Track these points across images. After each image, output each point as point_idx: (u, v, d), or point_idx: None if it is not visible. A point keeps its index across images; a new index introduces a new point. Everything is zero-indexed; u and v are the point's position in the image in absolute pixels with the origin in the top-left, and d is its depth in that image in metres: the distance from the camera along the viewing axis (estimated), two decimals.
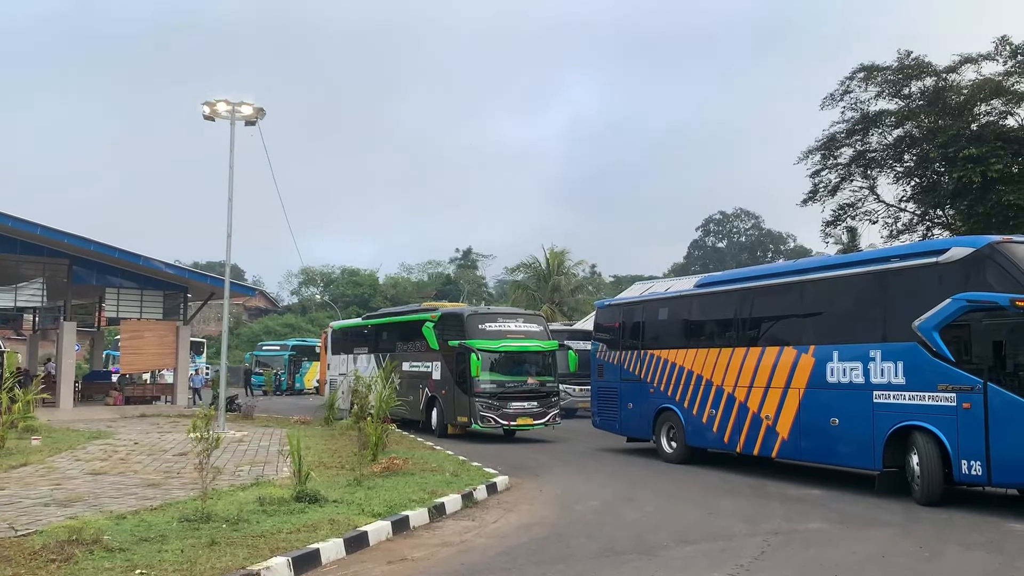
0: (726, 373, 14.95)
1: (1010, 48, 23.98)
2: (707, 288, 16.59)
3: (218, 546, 7.58)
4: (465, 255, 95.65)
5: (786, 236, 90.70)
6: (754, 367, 14.31)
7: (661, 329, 17.26)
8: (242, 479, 12.01)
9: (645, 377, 17.21)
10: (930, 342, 11.23)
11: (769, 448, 13.99)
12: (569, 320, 42.48)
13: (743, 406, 14.48)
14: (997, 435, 10.40)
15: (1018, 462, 10.29)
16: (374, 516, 9.28)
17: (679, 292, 17.61)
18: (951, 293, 11.02)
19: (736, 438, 14.67)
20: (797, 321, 13.89)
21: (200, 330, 60.00)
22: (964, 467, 10.74)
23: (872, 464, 12.11)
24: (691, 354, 15.92)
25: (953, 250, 11.35)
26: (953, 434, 10.89)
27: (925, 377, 11.31)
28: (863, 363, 12.25)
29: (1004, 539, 9.16)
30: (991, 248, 10.92)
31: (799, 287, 13.92)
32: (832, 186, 28.44)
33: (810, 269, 14.20)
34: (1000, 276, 10.67)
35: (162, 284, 27.11)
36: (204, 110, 20.16)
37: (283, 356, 48.29)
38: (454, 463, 14.31)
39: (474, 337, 19.42)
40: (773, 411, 13.82)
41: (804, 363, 13.31)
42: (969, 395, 10.70)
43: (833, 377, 12.76)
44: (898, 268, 12.15)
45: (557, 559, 8.06)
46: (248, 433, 19.27)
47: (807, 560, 8.14)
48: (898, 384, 11.70)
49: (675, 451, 16.27)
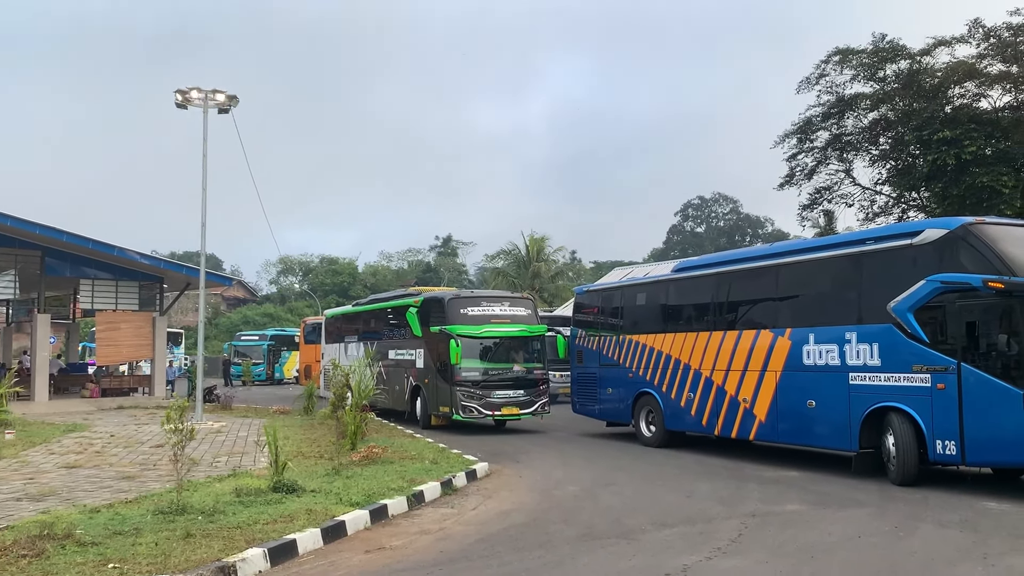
0: (704, 357, 15.02)
1: (983, 31, 24.12)
2: (684, 273, 16.63)
3: (193, 538, 7.52)
4: (445, 242, 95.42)
5: (764, 220, 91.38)
6: (731, 350, 14.39)
7: (639, 314, 17.32)
8: (219, 470, 11.92)
9: (624, 362, 17.28)
10: (905, 324, 11.32)
11: (747, 431, 14.09)
12: (549, 307, 42.52)
13: (721, 389, 14.57)
14: (971, 415, 10.52)
15: (991, 441, 10.42)
16: (352, 505, 9.23)
17: (657, 277, 17.65)
18: (925, 275, 11.11)
19: (714, 421, 14.76)
20: (773, 304, 13.97)
21: (178, 321, 59.60)
22: (939, 447, 10.86)
23: (848, 445, 12.21)
24: (669, 338, 15.99)
25: (927, 232, 11.42)
26: (928, 414, 11.00)
27: (900, 358, 11.41)
28: (839, 345, 12.34)
29: (978, 517, 9.26)
30: (964, 229, 11.00)
31: (775, 270, 13.99)
32: (808, 170, 28.58)
33: (786, 252, 14.26)
34: (973, 257, 10.78)
35: (137, 275, 26.76)
36: (176, 98, 19.89)
37: (262, 346, 48.03)
38: (434, 451, 14.28)
39: (455, 322, 18.93)
40: (750, 394, 13.91)
41: (781, 346, 13.39)
42: (943, 376, 10.81)
43: (809, 359, 12.84)
44: (873, 250, 12.22)
45: (535, 545, 8.06)
46: (226, 424, 19.13)
47: (784, 542, 8.19)
48: (873, 366, 11.79)
49: (654, 435, 16.37)
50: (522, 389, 19.12)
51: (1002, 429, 10.23)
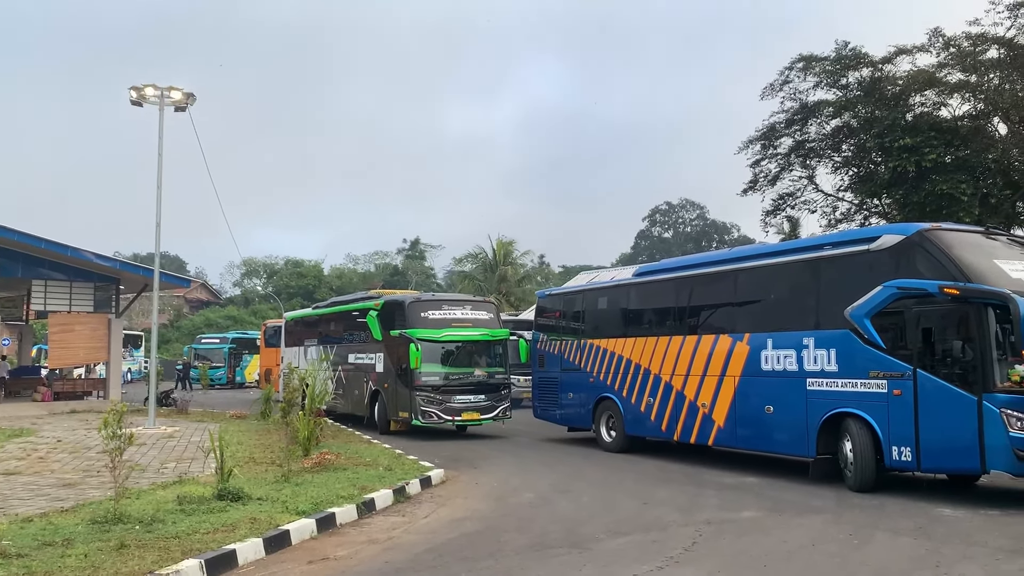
0: (664, 362, 14.95)
1: (943, 40, 24.34)
2: (645, 277, 16.58)
3: (127, 549, 7.22)
4: (413, 245, 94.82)
5: (730, 226, 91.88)
6: (691, 356, 14.32)
7: (600, 318, 17.20)
8: (165, 477, 11.57)
9: (585, 367, 17.14)
10: (862, 329, 11.28)
11: (706, 436, 14.00)
12: (516, 310, 42.35)
13: (680, 394, 14.49)
14: (926, 421, 10.49)
15: (946, 447, 10.40)
16: (298, 514, 8.96)
17: (618, 281, 17.59)
18: (882, 280, 11.07)
19: (673, 426, 14.67)
20: (732, 309, 13.93)
21: (139, 323, 58.52)
22: (895, 453, 10.84)
23: (806, 451, 12.15)
24: (630, 343, 15.90)
25: (884, 237, 11.40)
26: (884, 420, 10.96)
27: (857, 364, 11.36)
28: (797, 351, 12.29)
29: (932, 524, 9.21)
30: (921, 236, 11.00)
31: (734, 275, 13.95)
32: (772, 176, 28.63)
33: (745, 257, 14.24)
34: (929, 263, 10.76)
35: (93, 276, 26.13)
36: (131, 95, 19.45)
37: (223, 349, 47.31)
38: (389, 457, 14.02)
39: (416, 326, 18.62)
40: (709, 399, 13.84)
41: (739, 351, 13.33)
42: (899, 382, 10.79)
43: (767, 365, 12.80)
44: (830, 256, 12.21)
45: (485, 555, 7.85)
46: (180, 428, 18.69)
47: (738, 551, 8.06)
48: (831, 371, 11.74)
49: (614, 440, 16.25)
50: (483, 394, 18.87)
51: (957, 435, 10.20)
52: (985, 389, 10.00)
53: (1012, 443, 9.75)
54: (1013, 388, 9.91)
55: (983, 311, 10.15)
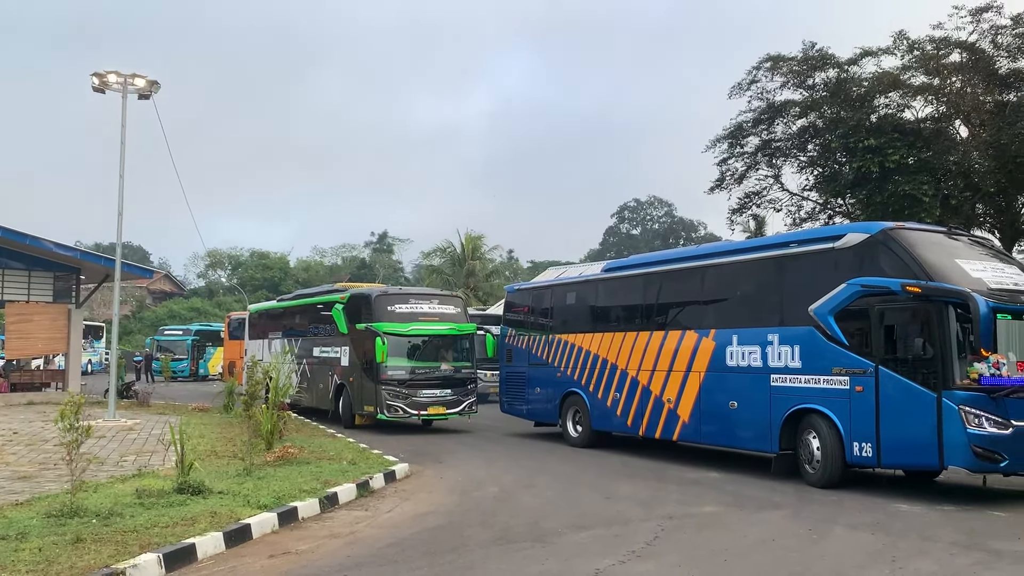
0: (630, 357, 15.01)
1: (907, 43, 24.73)
2: (613, 273, 16.63)
3: (83, 543, 7.09)
4: (381, 239, 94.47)
5: (697, 224, 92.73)
6: (657, 351, 14.40)
7: (569, 313, 17.22)
8: (124, 470, 11.39)
9: (553, 361, 17.17)
10: (825, 326, 11.39)
11: (670, 431, 14.08)
12: (484, 305, 42.31)
13: (646, 390, 14.56)
14: (887, 418, 10.62)
15: (905, 444, 10.54)
16: (260, 508, 8.87)
17: (586, 276, 17.60)
18: (846, 278, 11.20)
19: (639, 422, 14.73)
20: (699, 306, 14.01)
21: (101, 314, 57.62)
22: (856, 449, 10.96)
23: (769, 447, 12.25)
24: (597, 338, 15.95)
25: (848, 236, 11.51)
26: (846, 417, 11.08)
27: (820, 361, 11.48)
28: (761, 347, 12.39)
29: (889, 520, 9.36)
30: (884, 234, 11.12)
31: (701, 272, 14.04)
32: (739, 174, 28.92)
33: (712, 254, 14.32)
34: (893, 261, 10.89)
35: (53, 265, 25.66)
36: (93, 82, 19.08)
37: (186, 341, 46.73)
38: (353, 451, 13.94)
39: (382, 319, 18.53)
40: (675, 394, 13.92)
41: (705, 347, 13.42)
42: (861, 378, 10.92)
43: (732, 361, 12.89)
44: (796, 253, 12.32)
45: (448, 549, 7.83)
46: (140, 421, 18.43)
47: (698, 545, 8.13)
48: (795, 368, 11.85)
49: (580, 435, 16.30)
50: (450, 388, 18.82)
51: (916, 432, 10.35)
52: (945, 386, 10.13)
53: (970, 439, 9.91)
54: (972, 385, 10.03)
55: (944, 309, 10.27)
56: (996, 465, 10.10)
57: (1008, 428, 10.00)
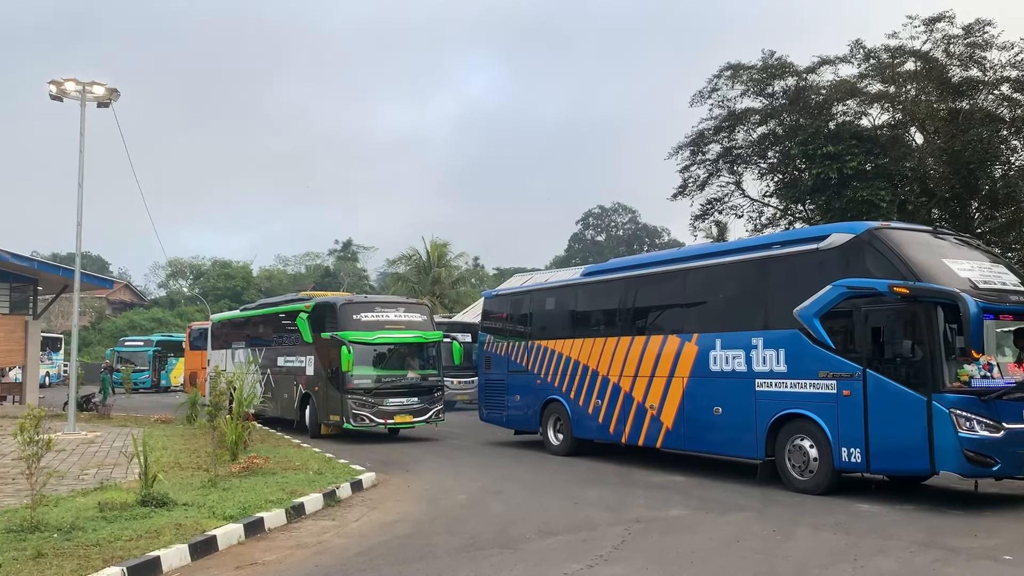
0: (612, 363, 14.77)
1: (864, 52, 25.22)
2: (593, 277, 16.34)
3: (44, 558, 6.99)
4: (345, 247, 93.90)
5: (661, 230, 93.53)
6: (639, 356, 14.15)
7: (548, 319, 16.91)
8: (86, 483, 11.21)
9: (532, 368, 16.91)
10: (811, 329, 11.18)
11: (654, 438, 13.83)
12: (450, 312, 42.27)
13: (628, 396, 14.30)
14: (876, 422, 10.42)
15: (895, 448, 10.34)
16: (225, 519, 8.80)
17: (565, 281, 17.26)
18: (831, 279, 10.98)
19: (621, 429, 14.48)
20: (681, 309, 13.76)
21: (59, 325, 56.60)
22: (844, 454, 10.74)
23: (755, 453, 12.02)
24: (578, 344, 15.70)
25: (833, 236, 11.26)
26: (833, 421, 10.86)
27: (806, 365, 11.26)
28: (745, 351, 12.16)
29: (852, 520, 9.52)
30: (870, 234, 10.89)
31: (682, 275, 13.78)
32: (701, 181, 29.19)
33: (693, 257, 14.04)
34: (879, 262, 10.66)
35: (8, 276, 25.14)
36: (51, 89, 18.78)
37: (147, 352, 46.04)
38: (319, 461, 13.85)
39: (347, 328, 18.40)
40: (657, 401, 13.68)
41: (687, 352, 13.19)
42: (849, 382, 10.72)
43: (716, 366, 12.65)
44: (780, 255, 12.05)
45: (416, 557, 7.83)
46: (101, 434, 18.13)
47: (665, 548, 8.22)
48: (780, 372, 11.64)
49: (562, 443, 16.07)
50: (416, 397, 18.73)
51: (906, 436, 10.15)
52: (935, 389, 9.93)
53: (961, 443, 9.71)
54: (962, 388, 9.85)
55: (933, 310, 10.08)
56: (988, 469, 9.90)
57: (1000, 431, 9.79)
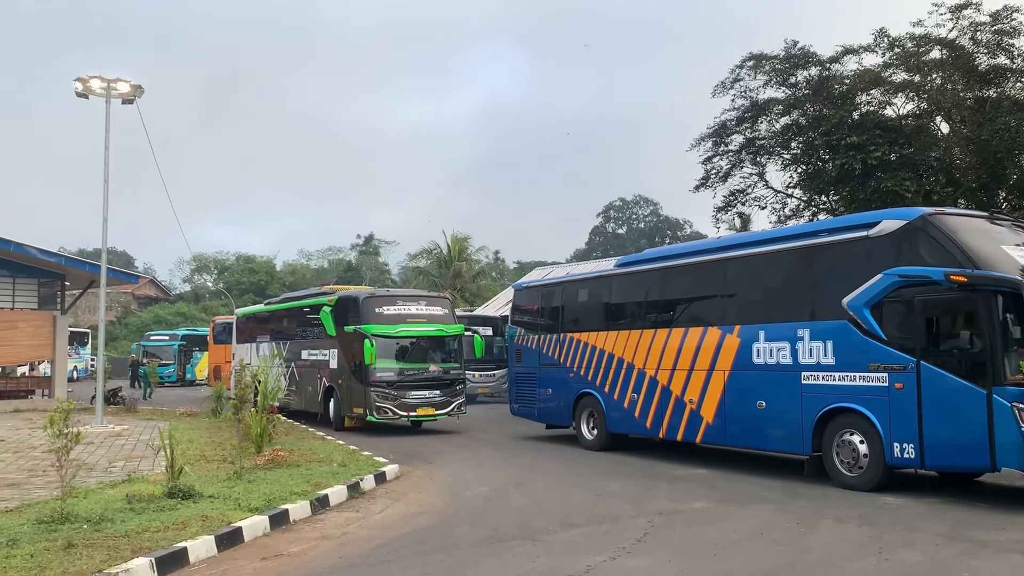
0: (648, 356, 14.40)
1: (888, 41, 24.92)
2: (627, 268, 15.93)
3: (75, 548, 7.10)
4: (367, 241, 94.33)
5: (683, 222, 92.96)
6: (677, 349, 13.78)
7: (581, 311, 16.60)
8: (114, 476, 11.38)
9: (565, 361, 16.61)
10: (860, 320, 10.81)
11: (693, 433, 13.47)
12: (471, 306, 42.35)
13: (666, 390, 13.95)
14: (931, 416, 10.04)
15: (952, 444, 9.92)
16: (251, 511, 8.89)
17: (599, 272, 16.89)
18: (882, 268, 10.60)
19: (659, 423, 14.15)
20: (721, 300, 13.35)
21: (86, 320, 57.27)
22: (896, 450, 10.39)
23: (801, 448, 11.65)
24: (612, 337, 15.35)
25: (884, 223, 10.83)
26: (885, 416, 10.50)
27: (856, 357, 10.90)
28: (791, 343, 11.78)
29: (876, 512, 9.46)
30: (924, 220, 10.46)
31: (723, 265, 13.36)
32: (723, 173, 29.02)
33: (734, 246, 13.63)
34: (933, 249, 10.23)
35: (37, 272, 25.53)
36: (77, 87, 19.02)
37: (172, 346, 46.53)
38: (343, 453, 13.95)
39: (370, 322, 18.54)
40: (697, 395, 13.33)
41: (729, 344, 12.80)
42: (901, 375, 10.35)
43: (759, 358, 12.27)
44: (826, 243, 11.64)
45: (439, 548, 7.88)
46: (128, 427, 18.38)
47: (688, 540, 8.21)
48: (827, 364, 11.26)
49: (596, 438, 15.74)
50: (438, 390, 18.83)
51: (964, 431, 9.73)
52: (995, 382, 9.50)
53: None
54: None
55: (992, 299, 9.61)
56: None
57: None
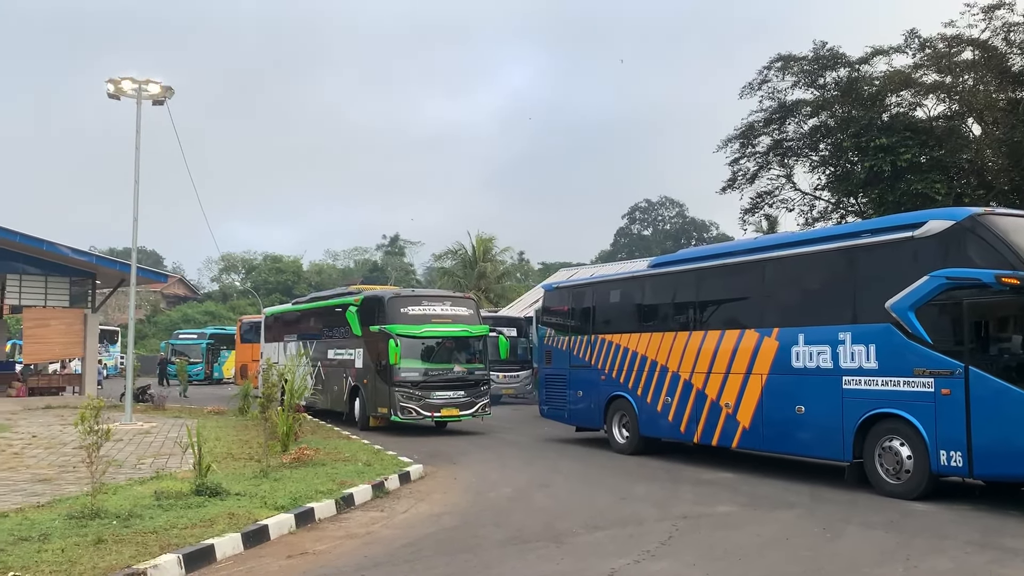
0: (683, 358, 14.13)
1: (919, 41, 24.64)
2: (662, 268, 15.60)
3: (104, 544, 7.19)
4: (392, 241, 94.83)
5: (709, 224, 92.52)
6: (713, 352, 13.51)
7: (613, 312, 16.36)
8: (142, 472, 11.52)
9: (596, 363, 16.36)
10: (905, 323, 10.49)
11: (729, 438, 13.19)
12: (495, 307, 42.39)
13: (701, 393, 13.68)
14: (980, 423, 9.71)
15: (1004, 452, 9.59)
16: (277, 509, 8.96)
17: (631, 273, 16.66)
18: (928, 270, 10.28)
19: (693, 427, 13.87)
20: (759, 302, 13.03)
21: (115, 318, 58.05)
22: (942, 458, 10.07)
23: (841, 455, 11.38)
24: (645, 338, 15.08)
25: (930, 223, 10.48)
26: (931, 422, 10.18)
27: (900, 361, 10.59)
28: (831, 346, 11.48)
29: (904, 519, 9.36)
30: (973, 220, 10.11)
31: (761, 266, 13.06)
32: (750, 174, 28.86)
33: (773, 246, 13.32)
34: (983, 250, 9.89)
35: (68, 270, 25.95)
36: (108, 88, 19.28)
37: (200, 344, 47.02)
38: (368, 452, 14.03)
39: (395, 321, 18.56)
40: (733, 399, 13.03)
41: (767, 347, 12.50)
42: (949, 380, 10.01)
43: (799, 362, 11.96)
44: (869, 244, 11.33)
45: (464, 549, 7.91)
46: (157, 424, 18.60)
47: (713, 544, 8.16)
48: (870, 369, 10.97)
49: (628, 442, 15.50)
50: (463, 390, 18.82)
51: (1016, 439, 9.42)
52: None
53: None
54: None
55: None
56: None
57: None
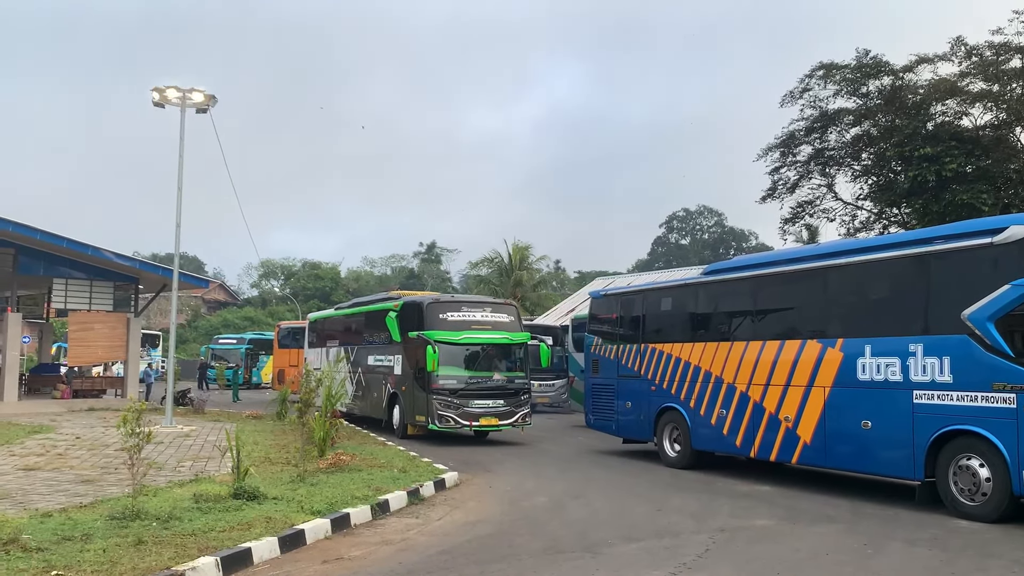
0: (739, 369, 13.61)
1: (965, 49, 24.25)
2: (717, 276, 15.11)
3: (144, 545, 7.29)
4: (429, 249, 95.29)
5: (748, 233, 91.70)
6: (771, 363, 12.97)
7: (664, 321, 15.86)
8: (182, 475, 11.69)
9: (646, 373, 15.84)
10: (984, 334, 9.93)
11: (789, 453, 12.66)
12: (531, 315, 42.37)
13: (758, 406, 13.12)
14: None
15: None
16: (313, 514, 9.02)
17: (684, 280, 16.38)
18: (1010, 278, 9.74)
19: (750, 442, 13.32)
20: (822, 311, 12.53)
21: (157, 323, 59.06)
22: None
23: (912, 473, 10.85)
24: (698, 348, 14.56)
25: (1012, 229, 9.88)
26: (1012, 440, 9.64)
27: (977, 375, 10.02)
28: (901, 359, 10.95)
29: (948, 536, 9.15)
30: None
31: (823, 273, 12.57)
32: (791, 184, 28.63)
33: (837, 253, 12.74)
34: None
35: (112, 275, 26.43)
36: (154, 96, 19.66)
37: (240, 349, 47.61)
38: (404, 459, 14.07)
39: (434, 328, 18.32)
40: (794, 412, 12.50)
41: (830, 358, 11.96)
42: None
43: (865, 374, 11.43)
44: (943, 250, 10.77)
45: (498, 558, 7.88)
46: (196, 428, 18.86)
47: (751, 558, 8.05)
48: (944, 382, 10.39)
49: (679, 455, 14.98)
50: (502, 399, 18.44)
51: None
52: None
53: None
54: None
55: None
56: None
57: None
